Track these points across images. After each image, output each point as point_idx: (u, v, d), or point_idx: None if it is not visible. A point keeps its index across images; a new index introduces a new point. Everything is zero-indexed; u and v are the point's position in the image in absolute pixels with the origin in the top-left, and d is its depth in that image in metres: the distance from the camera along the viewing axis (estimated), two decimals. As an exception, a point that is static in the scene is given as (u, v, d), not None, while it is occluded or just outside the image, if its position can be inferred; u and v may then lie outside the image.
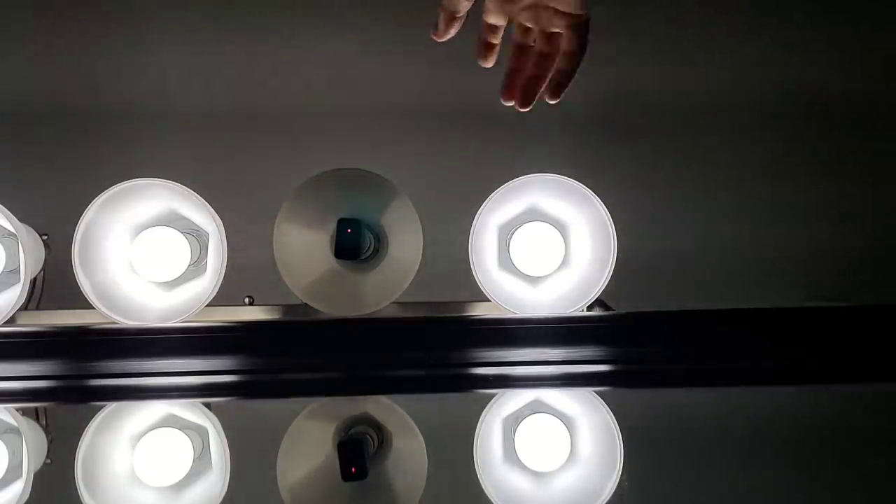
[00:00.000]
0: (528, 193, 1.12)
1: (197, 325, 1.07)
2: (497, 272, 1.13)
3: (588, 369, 1.06)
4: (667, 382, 1.06)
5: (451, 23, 0.91)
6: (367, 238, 1.09)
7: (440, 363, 1.07)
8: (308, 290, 1.09)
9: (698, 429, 0.90)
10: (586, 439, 0.86)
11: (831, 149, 1.55)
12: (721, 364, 1.07)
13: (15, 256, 1.12)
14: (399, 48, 1.50)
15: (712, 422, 0.93)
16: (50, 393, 1.05)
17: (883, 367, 1.06)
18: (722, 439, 0.86)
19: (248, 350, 1.07)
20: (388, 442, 0.87)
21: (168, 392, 1.04)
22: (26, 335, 1.07)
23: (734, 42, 1.54)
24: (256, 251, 1.11)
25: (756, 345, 1.08)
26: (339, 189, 1.09)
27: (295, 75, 1.49)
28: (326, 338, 1.08)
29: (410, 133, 1.51)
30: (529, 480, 0.75)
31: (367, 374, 1.07)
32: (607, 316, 1.12)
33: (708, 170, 1.54)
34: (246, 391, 1.08)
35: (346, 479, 0.74)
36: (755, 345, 1.08)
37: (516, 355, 1.06)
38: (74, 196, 1.09)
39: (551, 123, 1.46)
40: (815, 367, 1.06)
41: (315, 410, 1.02)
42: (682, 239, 1.50)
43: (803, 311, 1.14)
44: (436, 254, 1.12)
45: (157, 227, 1.11)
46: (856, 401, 1.00)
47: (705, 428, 0.90)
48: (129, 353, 1.05)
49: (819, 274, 1.50)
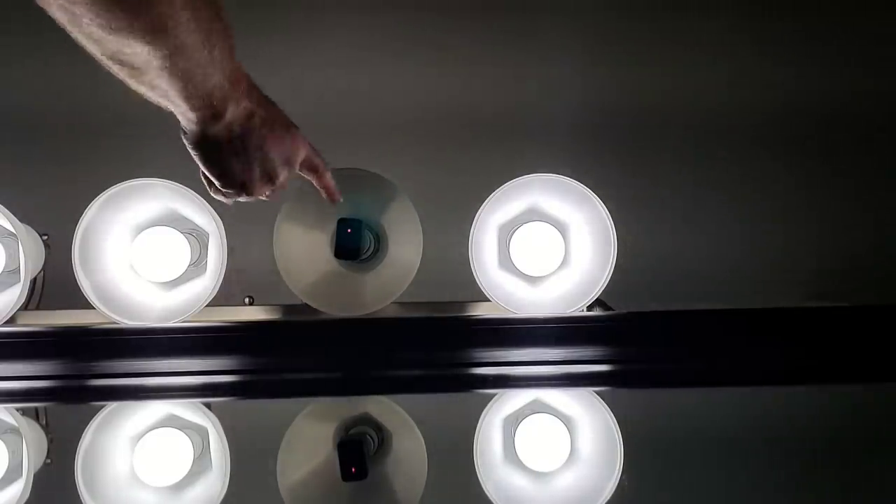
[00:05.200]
0: (528, 193, 1.12)
1: (197, 325, 1.07)
2: (497, 272, 1.13)
3: (588, 369, 1.06)
4: (667, 382, 1.06)
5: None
6: (367, 238, 1.09)
7: (440, 363, 1.07)
8: (308, 290, 1.09)
9: (698, 429, 0.90)
10: (586, 439, 0.86)
11: (830, 150, 1.55)
12: (721, 364, 1.07)
13: (15, 256, 1.12)
14: (398, 46, 1.51)
15: (712, 422, 0.93)
16: (50, 393, 1.05)
17: (883, 367, 1.06)
18: (722, 439, 0.86)
19: (248, 350, 1.07)
20: (388, 442, 0.87)
21: (168, 392, 1.04)
22: (26, 335, 1.07)
23: (731, 51, 1.54)
24: (256, 251, 1.11)
25: (756, 345, 1.08)
26: (338, 189, 1.09)
27: (295, 73, 1.49)
28: (326, 338, 1.08)
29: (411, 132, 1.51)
30: (529, 480, 0.75)
31: (367, 374, 1.07)
32: (607, 316, 1.12)
33: (708, 176, 1.54)
34: (246, 391, 1.08)
35: (346, 479, 0.74)
36: (755, 345, 1.08)
37: (516, 355, 1.06)
38: (74, 196, 1.09)
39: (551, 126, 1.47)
40: (815, 367, 1.06)
41: (315, 410, 1.02)
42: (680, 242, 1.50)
43: (803, 311, 1.14)
44: (436, 254, 1.12)
45: (157, 227, 1.11)
46: (856, 401, 1.00)
47: (705, 428, 0.90)
48: (129, 353, 1.05)
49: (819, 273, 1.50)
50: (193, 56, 0.64)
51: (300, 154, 0.87)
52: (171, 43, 0.61)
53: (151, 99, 0.69)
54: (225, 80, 0.70)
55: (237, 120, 0.77)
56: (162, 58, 0.62)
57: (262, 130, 0.80)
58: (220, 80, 0.69)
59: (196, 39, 0.62)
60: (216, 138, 0.76)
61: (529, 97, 1.51)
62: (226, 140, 0.77)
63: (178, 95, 0.68)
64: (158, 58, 0.62)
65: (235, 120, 0.76)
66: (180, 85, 0.67)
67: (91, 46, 0.61)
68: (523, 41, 1.51)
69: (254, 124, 0.79)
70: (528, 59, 1.51)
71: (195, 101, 0.70)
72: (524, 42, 1.51)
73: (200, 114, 0.72)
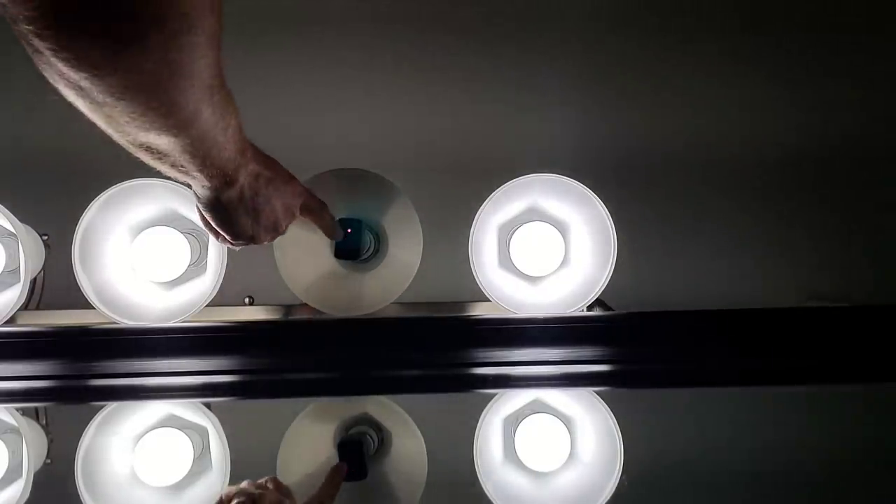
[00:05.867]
0: (528, 193, 1.12)
1: (197, 325, 1.07)
2: (497, 272, 1.13)
3: (588, 369, 1.06)
4: (667, 382, 1.06)
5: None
6: (367, 238, 1.09)
7: (440, 363, 1.07)
8: (308, 290, 1.09)
9: (698, 429, 0.90)
10: (586, 439, 0.86)
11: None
12: (721, 364, 1.07)
13: (15, 256, 1.12)
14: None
15: (712, 422, 0.93)
16: (50, 393, 1.05)
17: (883, 367, 1.06)
18: (721, 439, 0.86)
19: (248, 350, 1.07)
20: (388, 442, 0.87)
21: (168, 392, 1.04)
22: (26, 335, 1.07)
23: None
24: (256, 251, 1.11)
25: (756, 345, 1.08)
26: (339, 189, 1.09)
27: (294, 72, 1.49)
28: (326, 338, 1.08)
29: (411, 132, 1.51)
30: (529, 480, 0.75)
31: (367, 374, 1.07)
32: (607, 316, 1.12)
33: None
34: (246, 391, 1.08)
35: (346, 479, 0.74)
36: (755, 345, 1.08)
37: (516, 355, 1.06)
38: (74, 196, 1.09)
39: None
40: (815, 367, 1.06)
41: (315, 410, 1.02)
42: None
43: (803, 311, 1.14)
44: (436, 254, 1.12)
45: (157, 227, 1.11)
46: (856, 401, 1.00)
47: (705, 428, 0.90)
48: (129, 353, 1.05)
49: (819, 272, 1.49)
50: (212, 137, 0.70)
51: (299, 202, 0.95)
52: (196, 133, 0.68)
53: (168, 173, 0.75)
54: (236, 153, 0.77)
55: (247, 183, 0.84)
56: (185, 144, 0.69)
57: (267, 189, 0.88)
58: (232, 154, 0.76)
59: (214, 123, 0.69)
60: (229, 201, 0.84)
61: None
62: (238, 201, 0.85)
63: (196, 170, 0.75)
64: (182, 144, 0.69)
65: (245, 183, 0.84)
66: (199, 162, 0.73)
67: (120, 138, 0.67)
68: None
69: (260, 184, 0.87)
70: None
71: (211, 171, 0.76)
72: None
73: (216, 181, 0.79)
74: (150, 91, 0.60)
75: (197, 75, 0.61)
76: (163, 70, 0.58)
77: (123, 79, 0.58)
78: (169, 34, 0.56)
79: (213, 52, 0.61)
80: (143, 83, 0.59)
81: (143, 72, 0.57)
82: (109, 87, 0.58)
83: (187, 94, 0.62)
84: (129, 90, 0.59)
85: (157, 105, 0.62)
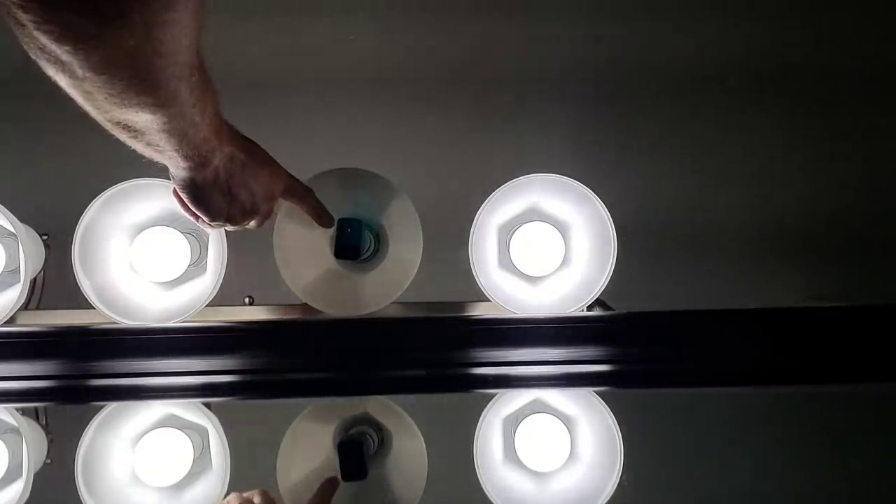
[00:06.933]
0: (529, 193, 1.12)
1: (197, 325, 1.06)
2: (497, 272, 1.13)
3: (588, 369, 1.06)
4: (667, 382, 1.06)
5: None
6: (367, 238, 1.09)
7: (440, 363, 1.07)
8: (308, 290, 1.09)
9: (698, 429, 0.90)
10: (586, 439, 0.86)
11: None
12: (721, 364, 1.07)
13: (15, 256, 1.12)
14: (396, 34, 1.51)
15: (712, 422, 0.93)
16: (50, 393, 1.05)
17: (883, 367, 1.06)
18: (721, 439, 0.86)
19: (248, 350, 1.07)
20: (388, 442, 0.87)
21: (168, 392, 1.04)
22: (26, 335, 1.06)
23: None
24: (256, 251, 1.11)
25: (756, 345, 1.08)
26: (339, 189, 1.09)
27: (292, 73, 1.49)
28: (326, 338, 1.08)
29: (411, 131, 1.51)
30: (529, 480, 0.75)
31: (367, 374, 1.07)
32: (607, 316, 1.12)
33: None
34: (246, 391, 1.08)
35: (346, 479, 0.74)
36: (755, 345, 1.08)
37: (516, 355, 1.06)
38: (74, 196, 1.09)
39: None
40: (815, 367, 1.06)
41: (315, 410, 1.02)
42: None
43: (803, 311, 1.14)
44: (436, 253, 1.12)
45: (157, 227, 1.11)
46: (856, 401, 1.00)
47: (705, 428, 0.90)
48: (129, 353, 1.04)
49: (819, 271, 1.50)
50: (189, 117, 0.70)
51: (279, 186, 0.95)
52: (174, 111, 0.67)
53: (143, 152, 0.75)
54: (212, 134, 0.77)
55: (221, 164, 0.85)
56: (163, 122, 0.69)
57: (243, 172, 0.88)
58: (208, 134, 0.76)
59: (192, 104, 0.69)
60: (204, 181, 0.84)
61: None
62: (212, 182, 0.85)
63: (171, 150, 0.75)
64: (160, 122, 0.68)
65: (220, 165, 0.84)
66: (175, 141, 0.73)
67: (97, 115, 0.66)
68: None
69: (235, 167, 0.87)
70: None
71: (187, 151, 0.76)
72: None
73: (192, 162, 0.79)
74: (132, 67, 0.59)
75: (178, 53, 0.61)
76: (145, 46, 0.57)
77: (106, 54, 0.57)
78: (154, 10, 0.55)
79: (195, 31, 0.61)
80: (125, 59, 0.58)
81: (126, 48, 0.57)
82: (91, 62, 0.57)
83: (168, 71, 0.62)
84: (111, 66, 0.58)
85: (137, 82, 0.61)
